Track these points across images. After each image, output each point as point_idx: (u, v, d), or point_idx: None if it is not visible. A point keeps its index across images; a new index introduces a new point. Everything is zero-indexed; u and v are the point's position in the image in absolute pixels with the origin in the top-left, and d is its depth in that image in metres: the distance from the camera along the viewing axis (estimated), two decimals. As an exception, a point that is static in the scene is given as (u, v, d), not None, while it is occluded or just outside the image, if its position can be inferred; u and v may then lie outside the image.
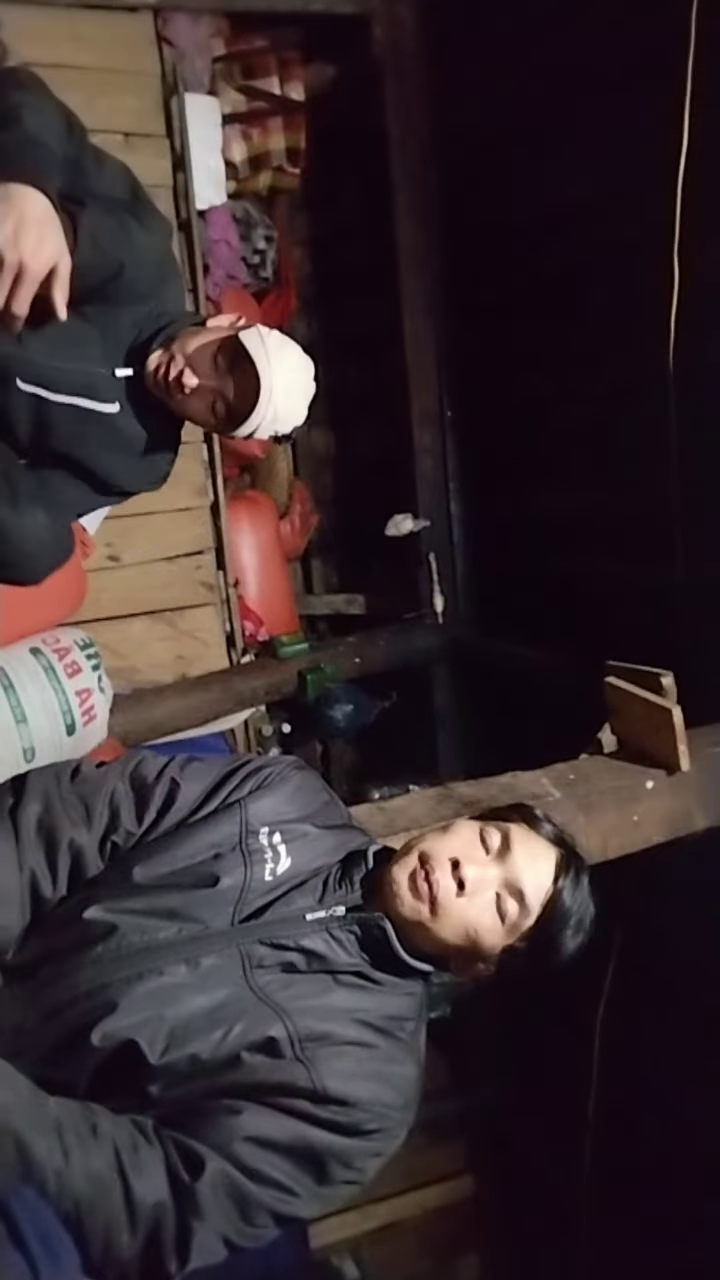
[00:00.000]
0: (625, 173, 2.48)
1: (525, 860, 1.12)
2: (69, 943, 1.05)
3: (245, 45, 3.30)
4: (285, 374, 1.46)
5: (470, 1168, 3.44)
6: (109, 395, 1.48)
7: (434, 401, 3.36)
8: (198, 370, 1.44)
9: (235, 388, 1.44)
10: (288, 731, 3.64)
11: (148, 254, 1.44)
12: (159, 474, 1.64)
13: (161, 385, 1.45)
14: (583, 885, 1.15)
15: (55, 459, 1.50)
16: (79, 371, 1.44)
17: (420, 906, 1.09)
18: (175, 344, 1.46)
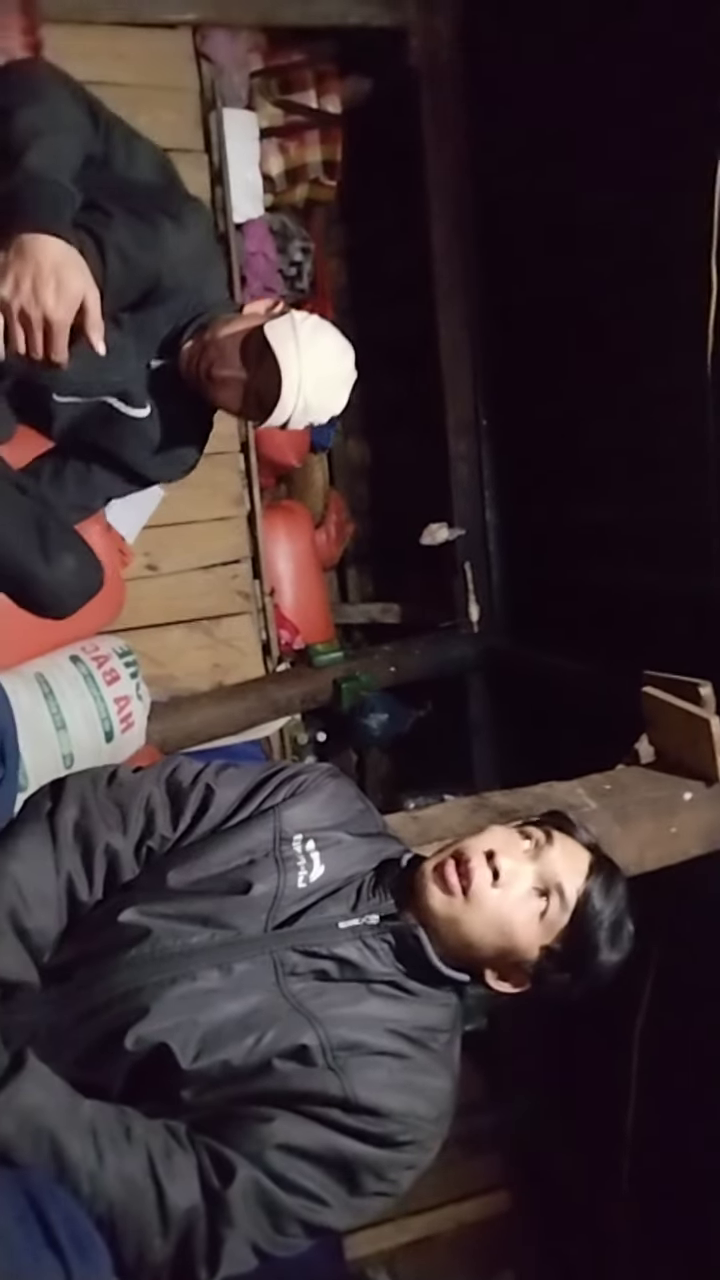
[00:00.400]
0: (661, 180, 2.47)
1: (561, 857, 1.12)
2: (104, 946, 1.07)
3: (282, 59, 3.33)
4: (316, 364, 1.41)
5: (506, 1182, 3.40)
6: (140, 400, 1.48)
7: (469, 410, 3.36)
8: (227, 362, 1.42)
9: (263, 380, 1.41)
10: (323, 740, 3.65)
11: (184, 251, 1.40)
12: (186, 465, 1.63)
13: (194, 376, 1.44)
14: (617, 891, 1.13)
15: (87, 450, 1.51)
16: (114, 382, 1.45)
17: (452, 899, 1.08)
18: (207, 333, 1.44)
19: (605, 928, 1.11)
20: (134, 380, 1.46)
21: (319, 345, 1.43)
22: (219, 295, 1.55)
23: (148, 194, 1.39)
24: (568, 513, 3.10)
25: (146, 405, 1.49)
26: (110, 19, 2.90)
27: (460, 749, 3.52)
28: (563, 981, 1.12)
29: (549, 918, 1.10)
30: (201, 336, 1.45)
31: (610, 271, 2.74)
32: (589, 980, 1.13)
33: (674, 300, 2.41)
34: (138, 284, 1.37)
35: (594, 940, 1.10)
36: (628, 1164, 2.74)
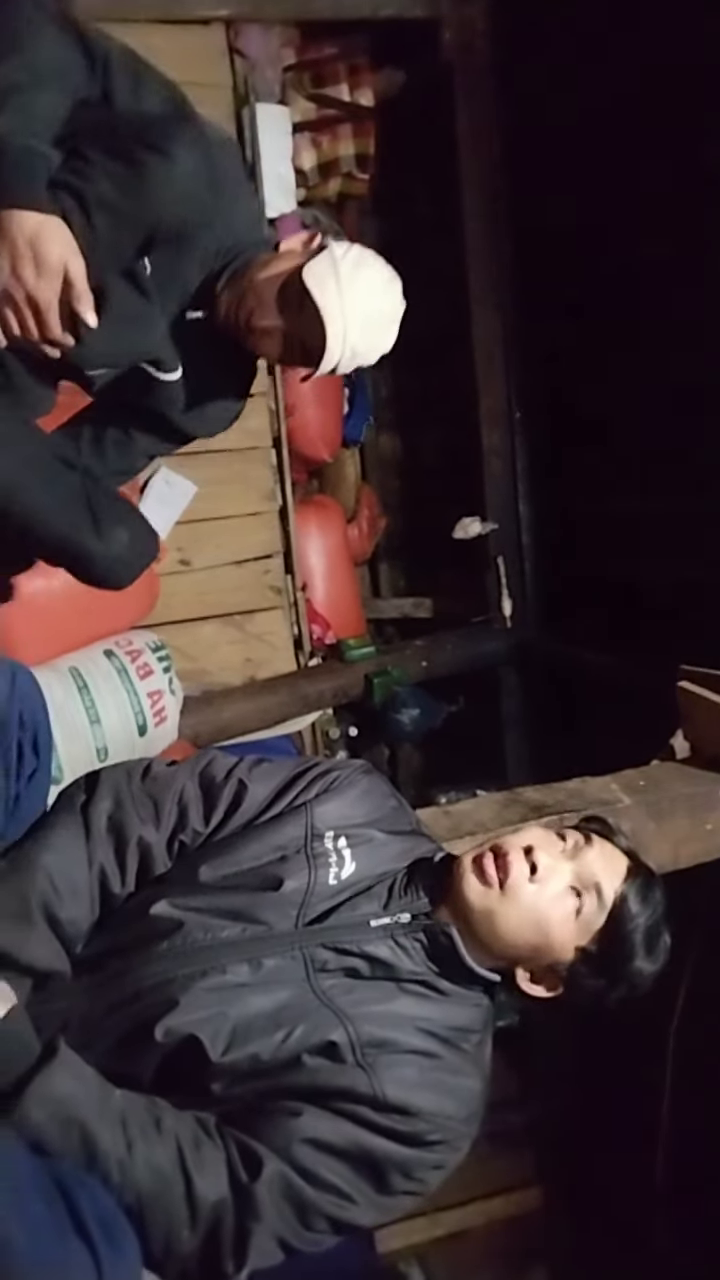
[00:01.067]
0: (697, 170, 2.43)
1: (599, 858, 1.11)
2: (135, 937, 1.07)
3: (315, 53, 3.32)
4: (361, 303, 1.31)
5: (539, 1179, 3.39)
6: (172, 364, 1.41)
7: (502, 402, 3.33)
8: (265, 310, 1.33)
9: (305, 327, 1.31)
10: (354, 735, 3.65)
11: (178, 187, 1.24)
12: (228, 419, 1.58)
13: (233, 326, 1.36)
14: (654, 897, 1.12)
15: (126, 411, 1.49)
16: (142, 349, 1.39)
17: (488, 891, 1.07)
18: (244, 278, 1.35)
19: (641, 932, 1.09)
20: (164, 343, 1.39)
21: (362, 281, 1.33)
22: (251, 231, 1.43)
23: (133, 129, 1.24)
24: (601, 506, 3.07)
25: (179, 367, 1.42)
26: (145, 16, 2.91)
27: (492, 744, 3.50)
28: (596, 988, 1.10)
29: (585, 916, 1.08)
30: (238, 283, 1.35)
31: (646, 263, 2.71)
32: (623, 988, 1.11)
33: (711, 291, 2.38)
34: (133, 234, 1.26)
35: (629, 944, 1.09)
36: (662, 1162, 2.71)
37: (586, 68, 2.81)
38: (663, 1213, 2.75)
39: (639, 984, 1.12)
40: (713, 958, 2.29)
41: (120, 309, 1.29)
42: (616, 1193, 3.05)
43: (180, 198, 1.25)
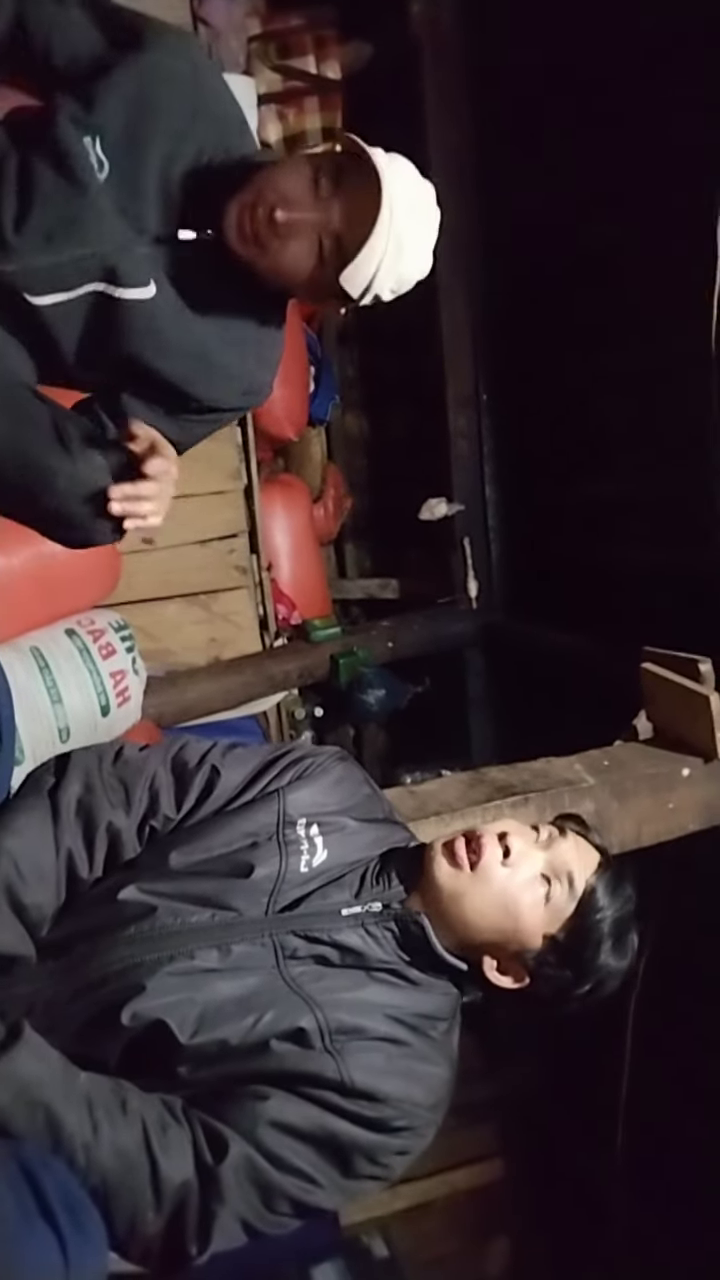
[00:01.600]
0: (667, 153, 2.43)
1: (573, 849, 1.12)
2: (102, 922, 1.07)
3: (281, 24, 3.27)
4: (406, 187, 1.16)
5: (501, 1150, 3.44)
6: (134, 278, 1.19)
7: (469, 384, 3.33)
8: (293, 200, 1.14)
9: (347, 207, 1.14)
10: (320, 715, 3.64)
11: (164, 60, 1.15)
12: (243, 382, 1.31)
13: (249, 236, 1.15)
14: (624, 892, 1.13)
15: (121, 374, 1.25)
16: (90, 255, 1.17)
17: (459, 873, 1.08)
18: (258, 177, 1.16)
19: (609, 923, 1.10)
20: (121, 253, 1.18)
21: (402, 165, 1.18)
22: (245, 138, 1.26)
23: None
24: (567, 488, 3.09)
25: (149, 283, 1.20)
26: (105, -20, 2.85)
27: (458, 724, 3.52)
28: (562, 980, 1.11)
29: (554, 903, 1.09)
30: (251, 183, 1.16)
31: (613, 245, 2.71)
32: (588, 983, 1.12)
33: (677, 275, 2.39)
34: (81, 97, 1.15)
35: (597, 934, 1.10)
36: (622, 1133, 2.77)
37: (555, 42, 2.80)
38: (622, 1183, 2.81)
39: (604, 980, 1.13)
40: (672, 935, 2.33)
41: (54, 204, 1.13)
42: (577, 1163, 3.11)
43: (159, 74, 1.15)
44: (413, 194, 1.18)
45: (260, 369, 1.33)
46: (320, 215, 1.15)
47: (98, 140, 1.16)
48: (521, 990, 1.12)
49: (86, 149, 1.15)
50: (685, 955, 2.43)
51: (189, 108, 1.19)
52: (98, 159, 1.16)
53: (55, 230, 1.15)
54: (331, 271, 1.18)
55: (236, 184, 1.17)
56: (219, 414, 1.34)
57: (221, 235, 1.18)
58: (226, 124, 1.24)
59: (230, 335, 1.27)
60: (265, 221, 1.14)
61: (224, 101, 1.24)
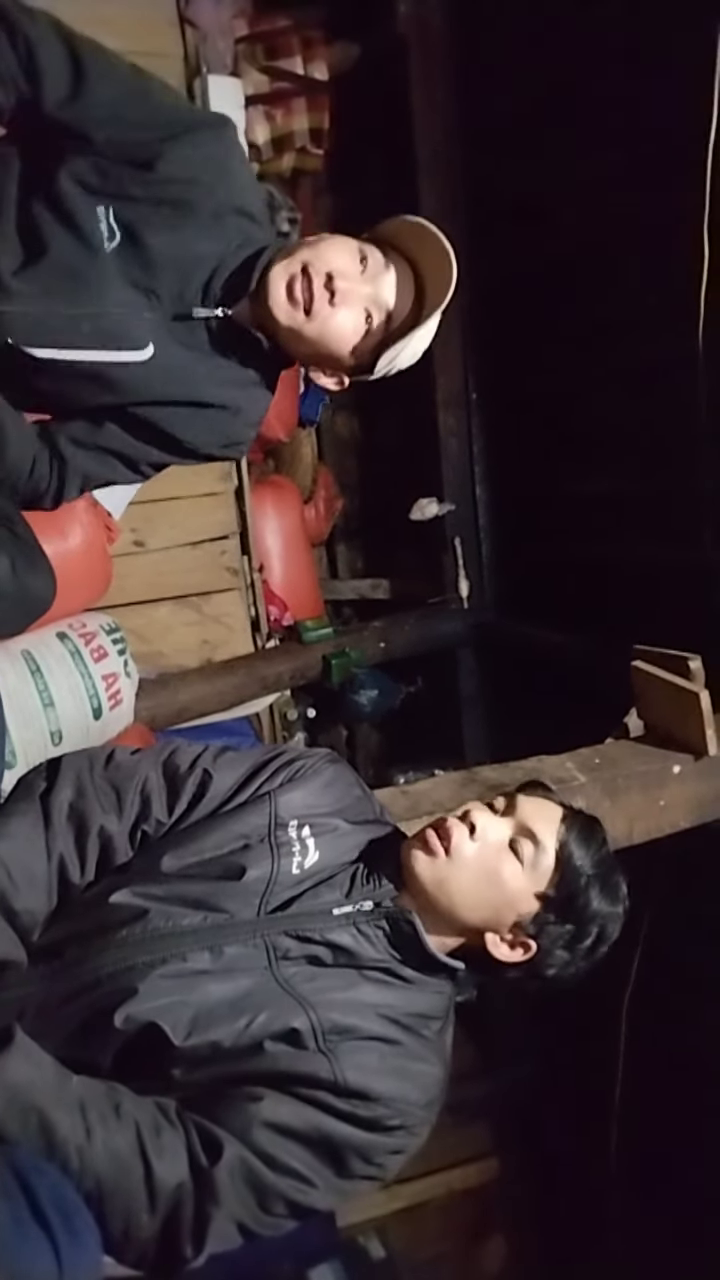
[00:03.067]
0: (654, 150, 2.44)
1: (531, 807, 1.14)
2: (95, 926, 1.06)
3: (268, 25, 3.27)
4: (447, 266, 1.21)
5: (496, 1150, 3.45)
6: (133, 342, 1.22)
7: (459, 384, 3.33)
8: (347, 274, 1.18)
9: (401, 285, 1.19)
10: (313, 716, 3.65)
11: (201, 144, 1.19)
12: (224, 436, 1.35)
13: (300, 302, 1.19)
14: (597, 837, 1.15)
15: (106, 415, 1.29)
16: (87, 315, 1.19)
17: (435, 860, 1.08)
18: (302, 253, 1.20)
19: (591, 865, 1.11)
20: (126, 315, 1.21)
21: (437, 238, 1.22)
22: (269, 223, 1.30)
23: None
24: (557, 486, 3.09)
25: (148, 345, 1.23)
26: (91, -18, 2.84)
27: (450, 724, 3.52)
28: (565, 935, 1.11)
29: (530, 861, 1.10)
30: (294, 255, 1.20)
31: (601, 242, 2.72)
32: (590, 931, 1.12)
33: (665, 270, 2.39)
34: (117, 166, 1.18)
35: (583, 878, 1.11)
36: (616, 1131, 2.77)
37: (542, 42, 2.80)
38: (616, 1181, 2.82)
39: (605, 926, 1.13)
40: (665, 932, 2.34)
41: (58, 259, 1.15)
42: (572, 1162, 3.12)
43: (186, 159, 1.19)
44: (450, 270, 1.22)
45: (245, 428, 1.39)
46: (374, 289, 1.20)
47: (110, 211, 1.19)
48: (531, 960, 1.12)
49: (99, 217, 1.19)
50: (678, 953, 2.43)
51: (212, 193, 1.23)
52: (109, 228, 1.19)
53: (54, 285, 1.17)
54: (372, 345, 1.22)
55: (260, 266, 1.21)
56: (197, 459, 1.38)
57: (248, 313, 1.22)
58: (246, 211, 1.27)
59: (221, 395, 1.31)
60: (321, 288, 1.18)
61: (248, 190, 1.28)
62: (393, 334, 1.24)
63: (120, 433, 1.31)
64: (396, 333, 1.24)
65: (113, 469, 1.34)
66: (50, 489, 1.33)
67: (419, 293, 1.24)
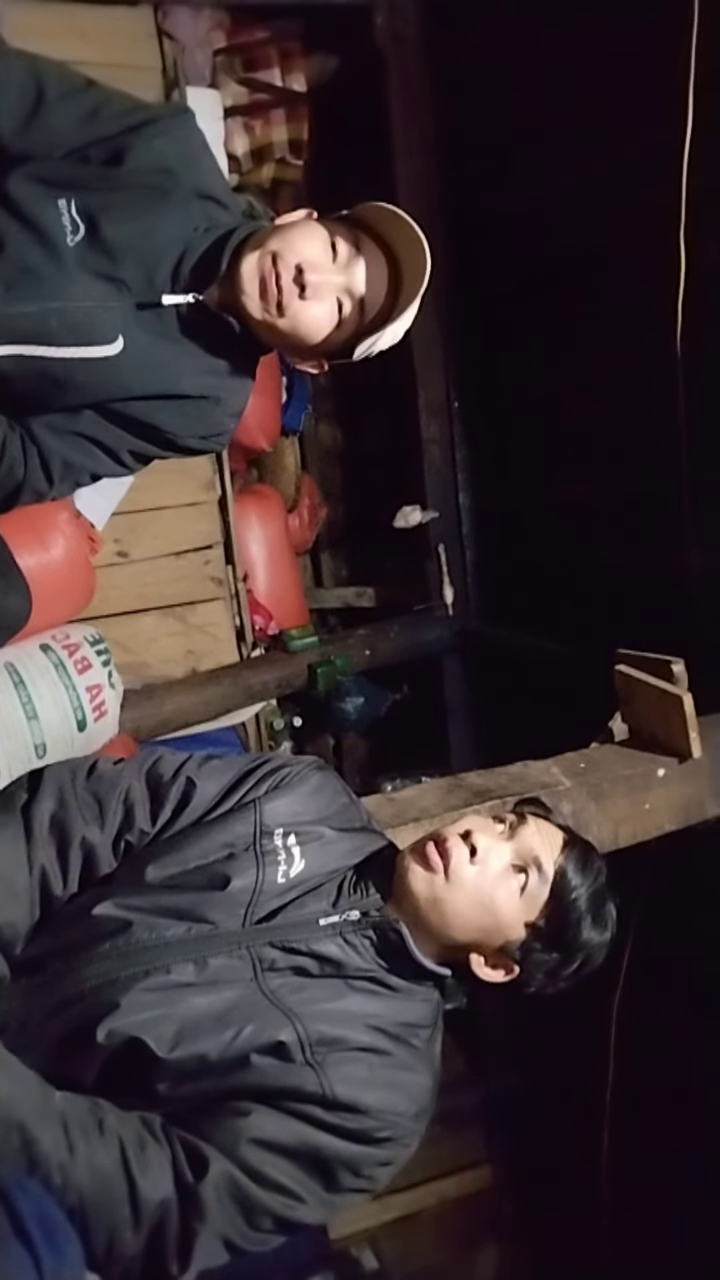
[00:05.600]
0: (630, 161, 2.46)
1: (536, 834, 1.13)
2: (77, 939, 1.05)
3: (246, 37, 3.28)
4: (421, 252, 1.19)
5: (488, 1158, 3.44)
6: (101, 336, 1.19)
7: (441, 393, 3.34)
8: (318, 265, 1.16)
9: (372, 272, 1.17)
10: (299, 725, 3.64)
11: (166, 131, 1.19)
12: (203, 425, 1.32)
13: (271, 297, 1.17)
14: (594, 866, 1.14)
15: (82, 410, 1.27)
16: (51, 310, 1.17)
17: (433, 877, 1.07)
18: (272, 242, 1.18)
19: (585, 899, 1.11)
20: (93, 308, 1.19)
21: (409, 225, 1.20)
22: (236, 207, 1.29)
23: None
24: (540, 493, 3.10)
25: (117, 339, 1.20)
26: (69, -4, 2.85)
27: (437, 731, 3.52)
28: (550, 963, 1.11)
29: (529, 891, 1.10)
30: (264, 246, 1.17)
31: (580, 251, 2.73)
32: (576, 960, 1.12)
33: (644, 280, 2.41)
34: (71, 163, 1.18)
35: (575, 912, 1.10)
36: (607, 1137, 2.77)
37: (520, 54, 2.83)
38: (610, 1188, 2.81)
39: (591, 955, 1.13)
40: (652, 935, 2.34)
41: (19, 256, 1.13)
42: (564, 1169, 3.11)
43: (144, 150, 1.17)
44: (424, 258, 1.20)
45: (225, 418, 1.36)
46: (346, 279, 1.18)
47: (71, 203, 1.17)
48: (512, 982, 1.13)
49: (60, 210, 1.17)
50: (665, 955, 2.44)
51: (179, 180, 1.22)
52: (71, 221, 1.17)
53: (16, 280, 1.16)
54: (346, 334, 1.21)
55: (228, 250, 1.19)
56: (178, 451, 1.36)
57: (218, 298, 1.20)
58: (212, 195, 1.26)
59: (199, 385, 1.28)
60: (290, 282, 1.16)
61: (211, 174, 1.27)
62: (369, 321, 1.22)
63: (99, 421, 1.28)
64: (373, 320, 1.22)
65: (94, 458, 1.32)
66: (30, 477, 1.30)
67: (396, 277, 1.22)
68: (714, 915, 2.40)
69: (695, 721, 1.80)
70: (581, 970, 1.14)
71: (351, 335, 1.23)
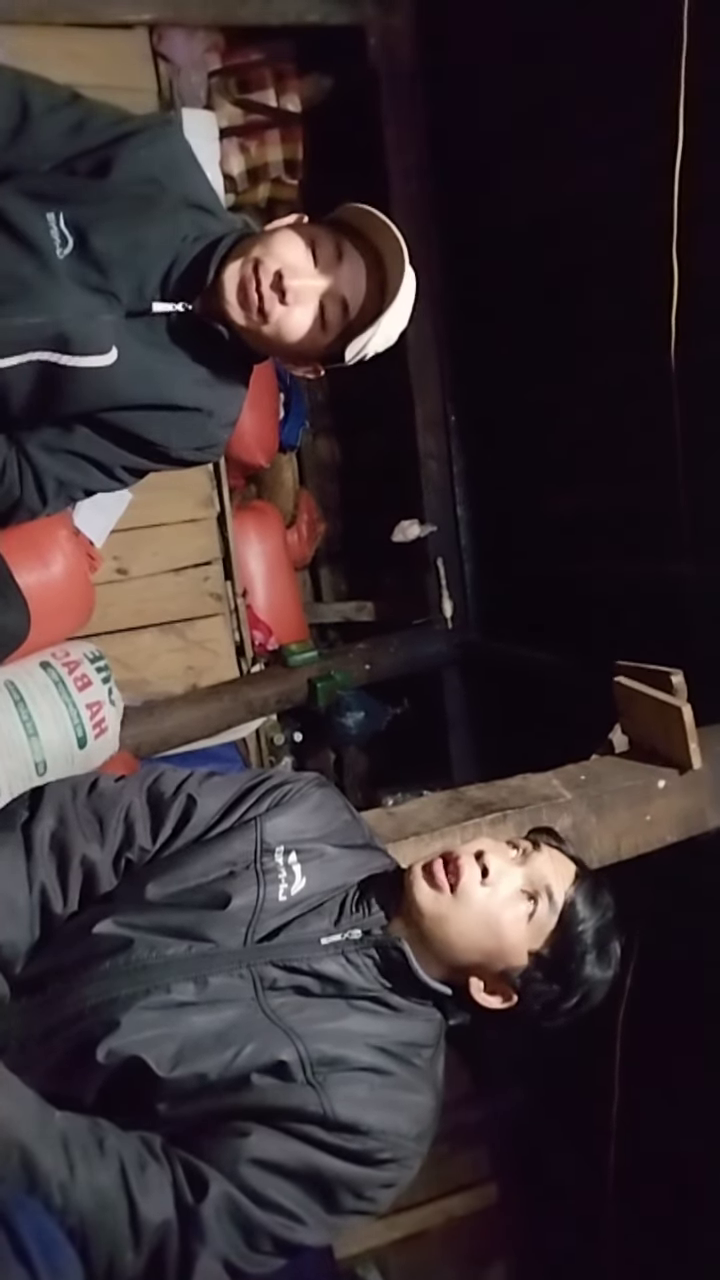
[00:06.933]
0: (623, 173, 2.48)
1: (549, 863, 1.12)
2: (78, 958, 1.05)
3: (240, 59, 3.31)
4: (400, 253, 1.18)
5: (495, 1175, 3.41)
6: (94, 346, 1.20)
7: (437, 407, 3.36)
8: (299, 270, 1.17)
9: (352, 275, 1.18)
10: (300, 740, 3.64)
11: (152, 143, 1.21)
12: (200, 436, 1.32)
13: (253, 304, 1.17)
14: (603, 901, 1.13)
15: (75, 424, 1.27)
16: (43, 323, 1.17)
17: (440, 896, 1.07)
18: (255, 249, 1.19)
19: (591, 934, 1.10)
20: (84, 319, 1.18)
21: (392, 232, 1.19)
22: (225, 216, 1.29)
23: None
24: (538, 506, 3.11)
25: (110, 349, 1.20)
26: (66, 20, 2.88)
27: (438, 745, 3.52)
28: (549, 995, 1.10)
29: (537, 919, 1.09)
30: (248, 253, 1.18)
31: (574, 266, 2.75)
32: (575, 995, 1.11)
33: (637, 293, 2.43)
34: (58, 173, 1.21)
35: (580, 946, 1.09)
36: (613, 1154, 2.75)
37: (512, 71, 2.85)
38: (614, 1204, 2.79)
39: (591, 991, 1.12)
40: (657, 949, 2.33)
41: (8, 270, 1.14)
42: (570, 1185, 3.08)
43: (132, 160, 1.19)
44: (405, 263, 1.19)
45: (219, 429, 1.36)
46: (328, 282, 1.18)
47: (60, 216, 1.18)
48: (510, 1009, 1.11)
49: (49, 224, 1.18)
50: (671, 969, 2.42)
51: (167, 189, 1.23)
52: (60, 234, 1.18)
53: (8, 294, 1.16)
54: (332, 338, 1.21)
55: (216, 258, 1.20)
56: (171, 464, 1.36)
57: (208, 306, 1.20)
58: (200, 204, 1.27)
59: (193, 396, 1.29)
60: (272, 289, 1.16)
61: (198, 183, 1.29)
62: (355, 323, 1.22)
63: (92, 437, 1.29)
64: (359, 321, 1.22)
65: (87, 474, 1.33)
66: (25, 496, 1.31)
67: (381, 279, 1.22)
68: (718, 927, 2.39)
69: (695, 732, 1.80)
70: (580, 1006, 1.12)
71: (339, 338, 1.24)
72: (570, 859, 1.16)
